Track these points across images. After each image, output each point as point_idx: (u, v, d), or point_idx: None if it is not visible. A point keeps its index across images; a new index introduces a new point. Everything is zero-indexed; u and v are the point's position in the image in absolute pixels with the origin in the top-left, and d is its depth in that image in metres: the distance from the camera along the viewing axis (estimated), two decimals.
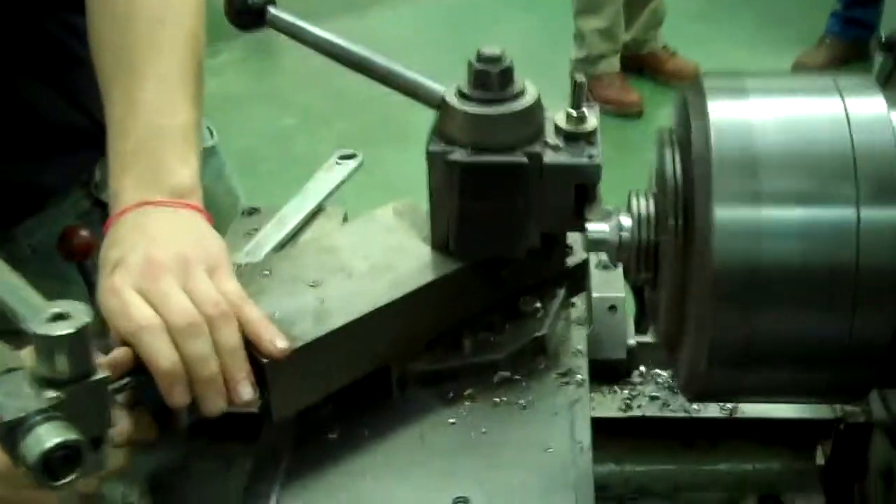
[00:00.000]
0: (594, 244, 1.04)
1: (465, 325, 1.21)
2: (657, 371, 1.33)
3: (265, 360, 1.04)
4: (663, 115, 4.41)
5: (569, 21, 4.56)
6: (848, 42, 4.76)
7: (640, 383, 1.32)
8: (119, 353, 1.00)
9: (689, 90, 0.99)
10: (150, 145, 1.16)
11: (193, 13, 1.30)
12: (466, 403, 1.16)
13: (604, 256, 1.21)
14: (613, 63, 4.52)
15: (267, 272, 1.18)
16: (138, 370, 1.01)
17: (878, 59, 1.15)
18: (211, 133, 1.80)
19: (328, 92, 4.66)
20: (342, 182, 1.53)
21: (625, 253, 1.03)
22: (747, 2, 5.47)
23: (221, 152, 1.84)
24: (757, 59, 4.84)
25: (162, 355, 0.99)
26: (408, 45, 4.99)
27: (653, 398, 1.30)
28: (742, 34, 5.12)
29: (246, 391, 1.03)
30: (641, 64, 4.77)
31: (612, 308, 1.31)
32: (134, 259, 1.05)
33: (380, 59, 1.21)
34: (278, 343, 1.03)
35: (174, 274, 1.03)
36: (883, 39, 1.09)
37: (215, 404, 1.03)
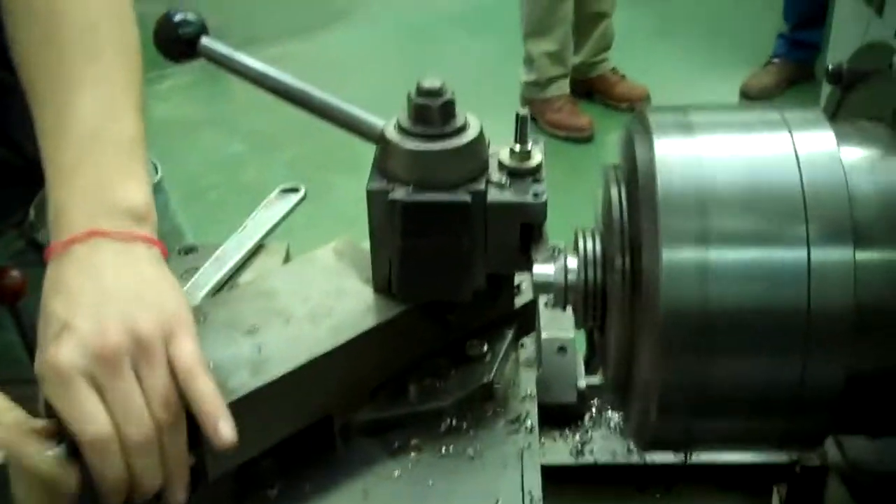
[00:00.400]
0: (540, 287, 1.01)
1: (410, 371, 1.17)
2: (609, 414, 1.29)
3: None
4: (613, 138, 4.42)
5: (519, 43, 4.55)
6: (795, 63, 4.81)
7: (592, 427, 1.28)
8: (51, 426, 0.94)
9: (635, 126, 0.96)
10: (93, 156, 1.05)
11: (127, 21, 1.20)
12: (412, 454, 1.11)
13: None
14: (563, 86, 4.52)
15: (201, 318, 1.12)
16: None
17: (825, 89, 1.13)
18: (156, 168, 1.74)
19: (278, 118, 4.56)
20: (284, 217, 1.48)
21: (572, 295, 0.99)
22: (696, 24, 5.52)
23: (166, 188, 1.77)
24: (706, 81, 4.88)
25: (110, 471, 0.93)
26: (357, 68, 4.97)
27: (605, 442, 1.26)
28: (691, 56, 5.15)
29: (180, 498, 0.98)
30: (591, 87, 4.77)
31: (562, 349, 1.27)
32: (85, 328, 0.94)
33: (316, 92, 1.16)
34: (222, 433, 0.95)
35: (130, 358, 0.94)
36: (830, 69, 1.07)
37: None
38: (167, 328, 0.97)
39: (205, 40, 1.21)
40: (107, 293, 0.97)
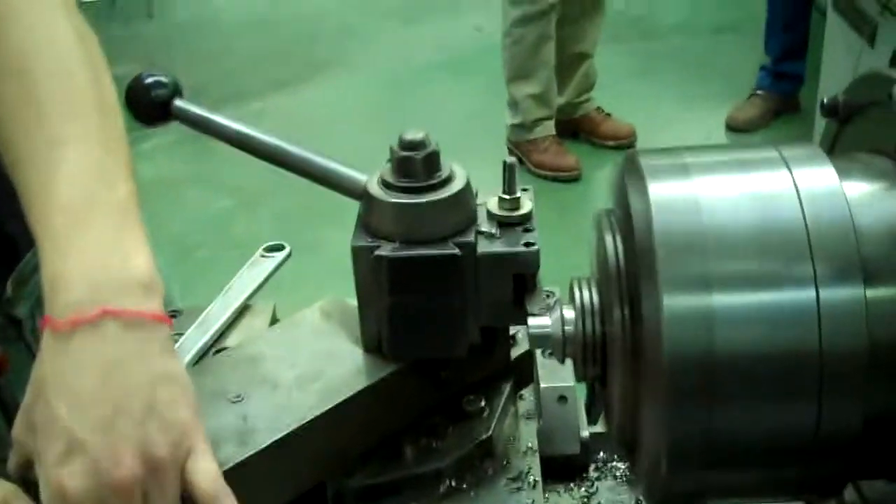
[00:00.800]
0: (537, 340, 0.97)
1: (405, 432, 1.12)
2: (615, 464, 1.24)
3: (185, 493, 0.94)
4: (601, 176, 4.41)
5: (503, 86, 4.56)
6: (779, 95, 4.81)
7: (598, 478, 1.23)
8: None
9: (626, 170, 0.93)
10: (90, 221, 0.94)
11: (103, 74, 1.09)
12: None
13: None
14: (549, 127, 4.51)
15: None
16: None
17: (819, 122, 1.10)
18: None
19: (263, 173, 4.52)
20: (269, 276, 1.44)
21: (570, 347, 0.95)
22: (676, 61, 5.54)
23: (153, 250, 1.72)
24: (690, 116, 4.88)
25: None
26: (340, 120, 4.96)
27: (612, 493, 1.22)
28: (673, 93, 5.17)
29: None
30: (576, 127, 4.77)
31: (563, 398, 1.22)
32: (96, 451, 0.87)
33: (296, 150, 1.13)
34: None
35: (141, 488, 0.88)
36: (825, 102, 1.04)
37: None
38: (182, 447, 0.91)
39: (178, 102, 1.18)
40: (120, 404, 0.89)
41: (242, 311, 1.40)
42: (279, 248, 1.50)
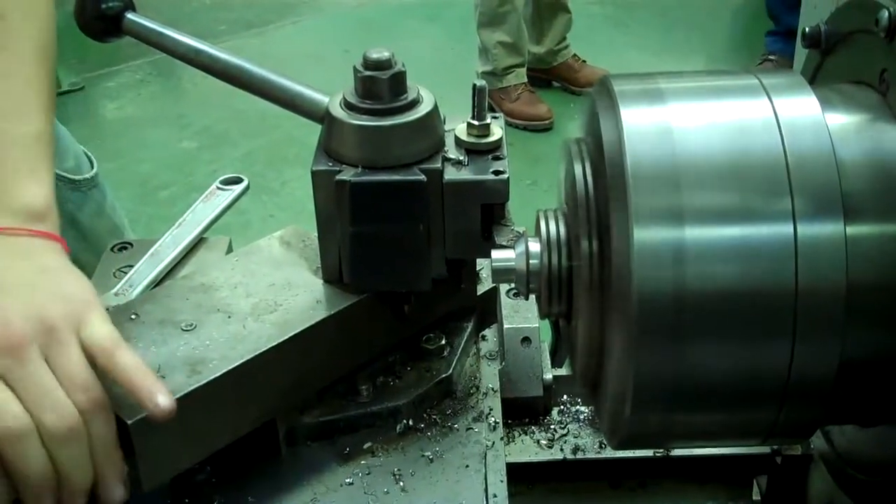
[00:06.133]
0: (500, 273, 0.93)
1: (362, 369, 1.08)
2: (579, 407, 1.22)
3: (130, 421, 0.90)
4: (575, 126, 4.35)
5: (473, 32, 4.49)
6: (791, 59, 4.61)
7: (560, 422, 1.21)
8: None
9: (597, 95, 0.88)
10: None
11: (42, 11, 1.11)
12: (365, 460, 1.03)
13: None
14: (520, 75, 4.45)
15: (133, 315, 1.04)
16: None
17: (801, 54, 1.06)
18: (90, 162, 1.63)
19: (229, 114, 4.50)
20: (226, 209, 1.39)
21: (535, 282, 0.91)
22: (654, 9, 5.49)
23: (104, 183, 1.66)
24: (668, 66, 4.83)
25: (33, 465, 0.87)
26: (308, 61, 4.87)
27: (575, 437, 1.19)
28: (650, 42, 5.13)
29: (118, 492, 0.92)
30: (552, 76, 4.72)
31: (526, 340, 1.19)
32: None
33: (254, 68, 1.07)
34: (159, 400, 0.88)
35: (39, 346, 0.89)
36: (807, 32, 1.00)
37: None
38: (75, 314, 0.92)
39: (130, 16, 1.11)
40: (6, 286, 0.92)
41: (197, 244, 1.35)
42: (237, 180, 1.45)
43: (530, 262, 0.91)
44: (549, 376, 1.21)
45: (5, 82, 1.05)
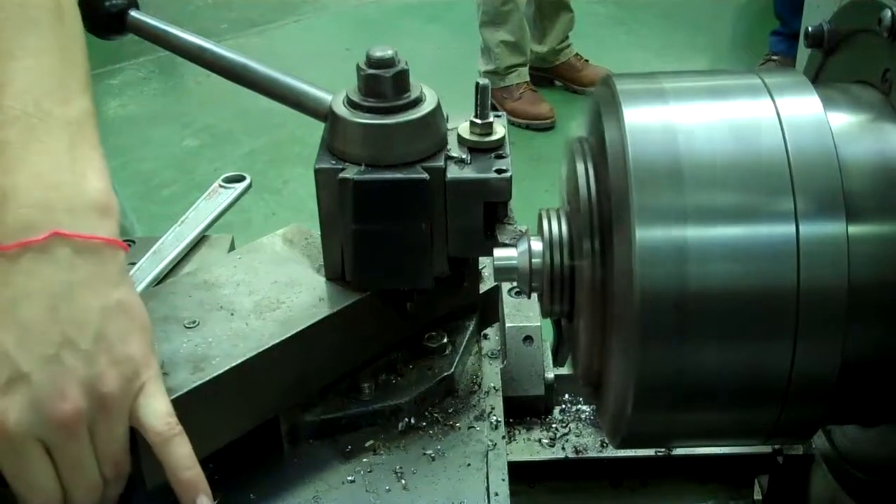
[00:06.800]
0: (502, 272, 0.92)
1: (364, 367, 1.08)
2: (580, 406, 1.22)
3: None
4: (576, 126, 4.33)
5: (476, 31, 4.48)
6: (794, 59, 4.61)
7: (562, 421, 1.21)
8: None
9: (601, 95, 0.88)
10: (42, 137, 0.88)
11: None
12: (367, 458, 1.03)
13: None
14: (522, 74, 4.45)
15: None
16: None
17: (803, 54, 1.06)
18: None
19: (232, 112, 4.50)
20: (228, 207, 1.39)
21: (537, 281, 0.91)
22: (657, 9, 5.48)
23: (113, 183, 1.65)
24: (670, 66, 4.83)
25: None
26: (310, 61, 4.87)
27: (576, 436, 1.19)
28: (653, 42, 5.12)
29: None
30: (554, 75, 4.71)
31: (528, 339, 1.19)
32: (41, 384, 0.83)
33: (258, 66, 1.07)
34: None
35: (87, 421, 0.85)
36: (810, 31, 1.00)
37: None
38: (132, 383, 0.87)
39: (134, 13, 1.11)
40: (68, 336, 0.84)
41: (199, 242, 1.36)
42: (239, 178, 1.45)
43: (532, 260, 0.91)
44: (550, 375, 1.21)
45: (39, 60, 0.92)
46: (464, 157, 1.01)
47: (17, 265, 0.84)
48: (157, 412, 0.88)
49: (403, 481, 1.00)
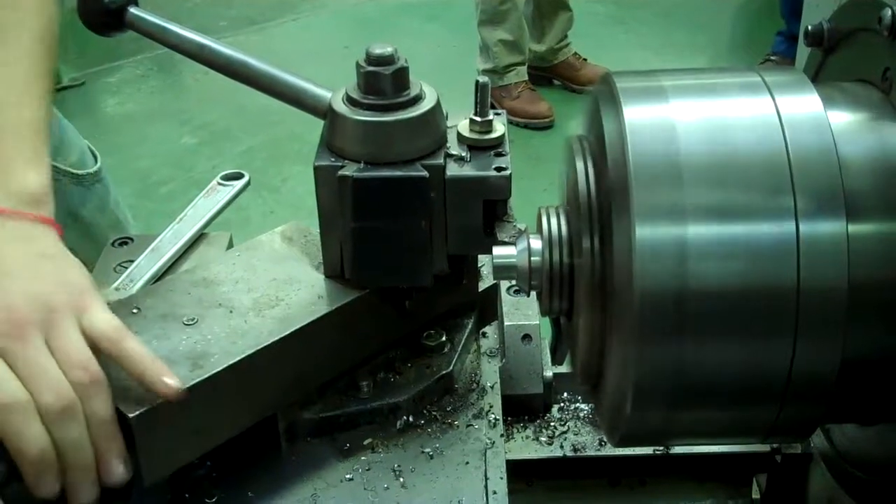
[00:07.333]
0: (501, 270, 0.92)
1: (363, 365, 1.08)
2: (579, 405, 1.21)
3: (131, 415, 0.90)
4: (575, 125, 4.34)
5: (474, 30, 4.48)
6: (794, 60, 4.62)
7: (560, 419, 1.20)
8: None
9: (600, 92, 0.88)
10: None
11: (46, 3, 1.13)
12: (365, 456, 1.03)
13: None
14: (521, 73, 4.45)
15: (135, 310, 1.03)
16: None
17: (803, 52, 1.06)
18: (94, 157, 1.63)
19: (231, 109, 4.50)
20: (226, 205, 1.39)
21: (536, 279, 0.91)
22: (657, 8, 5.48)
23: (108, 179, 1.66)
24: (670, 66, 4.81)
25: (31, 441, 0.88)
26: (310, 60, 4.86)
27: (575, 434, 1.19)
28: (653, 41, 5.12)
29: (118, 471, 0.93)
30: (553, 74, 4.71)
31: (527, 337, 1.19)
32: None
33: (257, 63, 1.07)
34: (168, 381, 0.91)
35: (39, 329, 0.91)
36: (810, 30, 0.99)
37: (88, 493, 0.92)
38: (76, 301, 0.94)
39: (133, 10, 1.11)
40: (8, 271, 0.94)
41: (198, 239, 1.35)
42: (238, 176, 1.44)
43: (532, 258, 0.91)
44: (549, 373, 1.21)
45: (5, 71, 1.06)
46: (463, 154, 1.01)
47: None
48: (103, 319, 0.94)
49: (402, 479, 1.00)
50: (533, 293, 0.95)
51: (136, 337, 0.93)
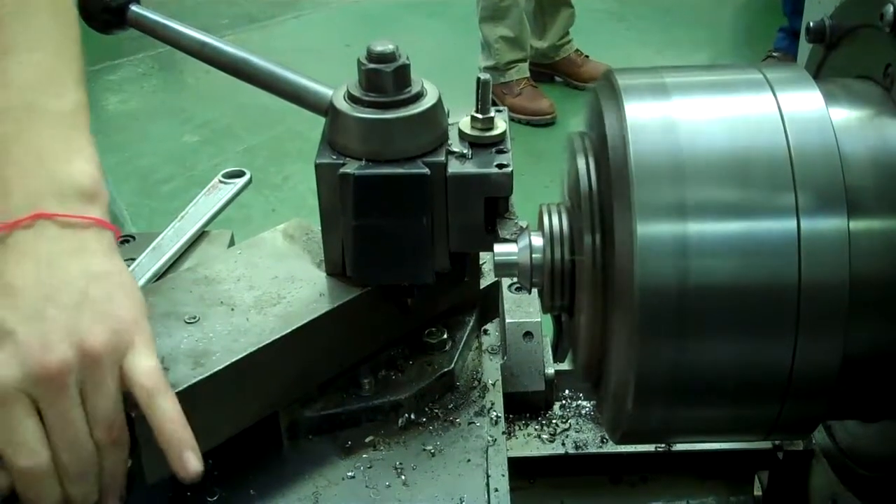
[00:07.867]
0: (502, 267, 0.92)
1: (364, 363, 1.08)
2: (581, 402, 1.21)
3: (134, 414, 0.90)
4: (577, 122, 4.34)
5: (476, 26, 4.48)
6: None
7: (562, 416, 1.20)
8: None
9: (602, 89, 0.88)
10: (33, 128, 0.92)
11: None
12: (367, 454, 1.03)
13: None
14: (522, 70, 4.44)
15: None
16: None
17: (804, 49, 1.06)
18: None
19: (233, 107, 4.50)
20: (228, 203, 1.39)
21: (537, 276, 0.91)
22: (658, 4, 5.47)
23: (106, 175, 1.66)
24: (671, 62, 4.81)
25: (44, 500, 0.87)
26: (311, 56, 4.87)
27: (576, 431, 1.19)
28: (654, 37, 5.11)
29: None
30: (555, 71, 4.71)
31: (528, 334, 1.19)
32: (26, 338, 0.84)
33: (259, 61, 1.07)
34: (188, 459, 0.88)
35: (75, 376, 0.85)
36: (811, 26, 0.99)
37: None
38: (120, 340, 0.88)
39: (135, 8, 1.11)
40: (52, 295, 0.86)
41: (199, 237, 1.35)
42: (239, 174, 1.44)
43: (533, 256, 0.91)
44: (550, 371, 1.21)
45: (34, 55, 0.96)
46: (465, 151, 1.01)
47: (5, 242, 0.88)
48: (145, 368, 0.88)
49: (403, 477, 1.00)
50: (534, 290, 0.95)
51: (171, 394, 0.89)
